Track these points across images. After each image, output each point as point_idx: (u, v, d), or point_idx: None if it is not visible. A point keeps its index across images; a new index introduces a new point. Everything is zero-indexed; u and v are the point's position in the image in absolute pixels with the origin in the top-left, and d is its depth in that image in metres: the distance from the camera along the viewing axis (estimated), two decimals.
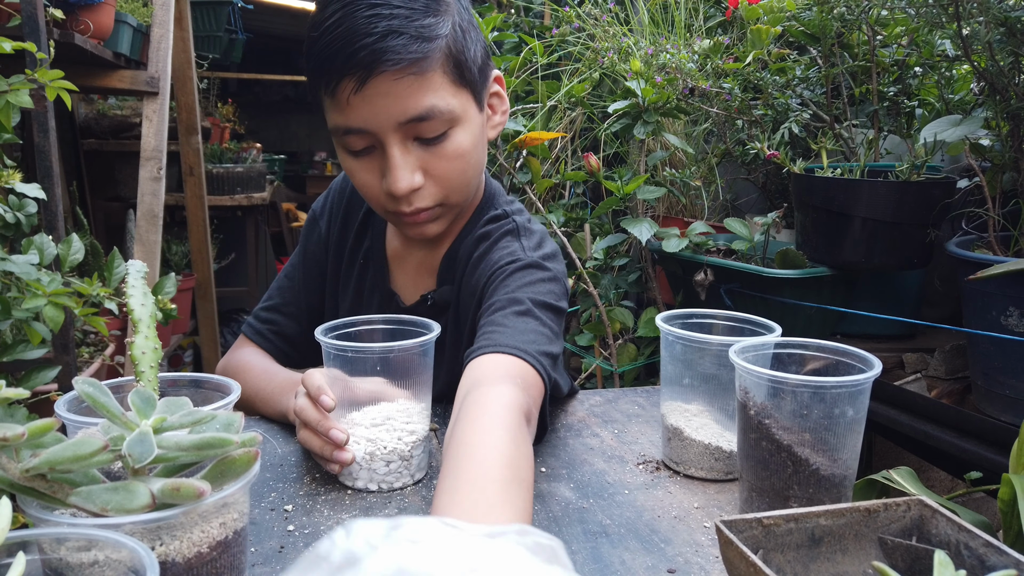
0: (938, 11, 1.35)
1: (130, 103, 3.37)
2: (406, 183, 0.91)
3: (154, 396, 0.55)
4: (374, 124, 0.89)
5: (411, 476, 0.84)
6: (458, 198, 0.98)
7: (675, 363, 0.88)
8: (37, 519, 0.48)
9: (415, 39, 0.86)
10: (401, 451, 0.82)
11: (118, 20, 2.02)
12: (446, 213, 0.99)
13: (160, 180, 2.02)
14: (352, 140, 0.92)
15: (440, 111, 0.89)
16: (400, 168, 0.90)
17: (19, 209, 0.94)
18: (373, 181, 0.94)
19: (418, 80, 0.87)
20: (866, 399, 0.71)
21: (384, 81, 0.86)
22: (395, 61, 0.84)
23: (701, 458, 0.86)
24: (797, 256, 1.64)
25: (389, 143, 0.90)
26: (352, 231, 1.16)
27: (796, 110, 1.78)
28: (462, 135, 0.93)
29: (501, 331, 0.87)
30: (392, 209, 0.96)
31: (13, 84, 0.88)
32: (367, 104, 0.87)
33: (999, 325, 1.25)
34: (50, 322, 0.81)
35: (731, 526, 0.54)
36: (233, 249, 3.79)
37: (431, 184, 0.94)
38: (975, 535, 0.53)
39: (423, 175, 0.93)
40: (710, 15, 2.21)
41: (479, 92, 0.96)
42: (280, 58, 7.40)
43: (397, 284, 1.12)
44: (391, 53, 0.84)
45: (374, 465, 0.82)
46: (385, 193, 0.94)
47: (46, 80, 0.90)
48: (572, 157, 2.30)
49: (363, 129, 0.90)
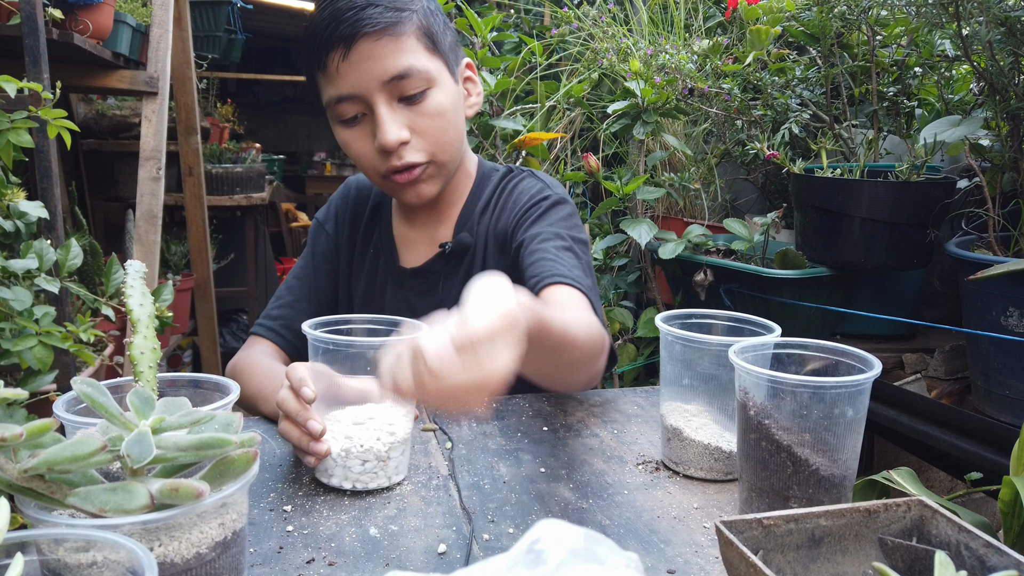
0: (938, 11, 1.35)
1: (129, 103, 3.37)
2: (394, 135, 1.03)
3: (153, 396, 0.55)
4: (361, 86, 1.02)
5: (387, 478, 0.82)
6: (444, 156, 1.09)
7: (674, 363, 0.88)
8: (35, 520, 0.48)
9: (389, 9, 1.01)
10: (377, 451, 0.81)
11: (117, 20, 2.02)
12: (437, 173, 1.10)
13: (159, 180, 2.02)
14: (344, 108, 1.04)
15: (417, 70, 1.02)
16: (388, 122, 1.02)
17: (19, 217, 0.93)
18: (366, 147, 1.06)
19: (395, 41, 1.01)
20: (866, 399, 0.71)
21: (366, 44, 1.00)
22: (373, 24, 0.99)
23: (701, 458, 0.86)
24: (797, 256, 1.64)
25: (376, 102, 1.02)
26: (361, 227, 1.25)
27: (796, 110, 1.78)
28: (440, 95, 1.06)
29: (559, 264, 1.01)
30: (385, 169, 1.06)
31: (15, 122, 0.88)
32: (354, 69, 1.01)
33: (999, 325, 1.25)
34: (39, 363, 0.80)
35: (731, 526, 0.54)
36: (232, 249, 3.78)
37: (417, 140, 1.05)
38: (975, 536, 0.53)
39: (409, 132, 1.04)
40: (709, 15, 2.21)
41: (452, 67, 1.10)
42: (279, 58, 7.40)
43: (407, 264, 1.21)
44: (369, 19, 0.99)
45: (349, 463, 0.81)
46: (378, 153, 1.05)
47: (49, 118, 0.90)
48: (571, 157, 2.30)
49: (352, 94, 1.02)
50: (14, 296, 0.81)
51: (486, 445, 0.95)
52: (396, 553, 0.70)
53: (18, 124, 0.89)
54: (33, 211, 0.95)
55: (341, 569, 0.67)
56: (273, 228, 5.71)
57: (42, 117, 0.90)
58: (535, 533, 0.42)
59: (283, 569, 0.67)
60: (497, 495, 0.81)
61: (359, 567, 0.67)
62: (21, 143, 0.88)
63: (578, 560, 0.41)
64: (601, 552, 0.42)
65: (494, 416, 1.05)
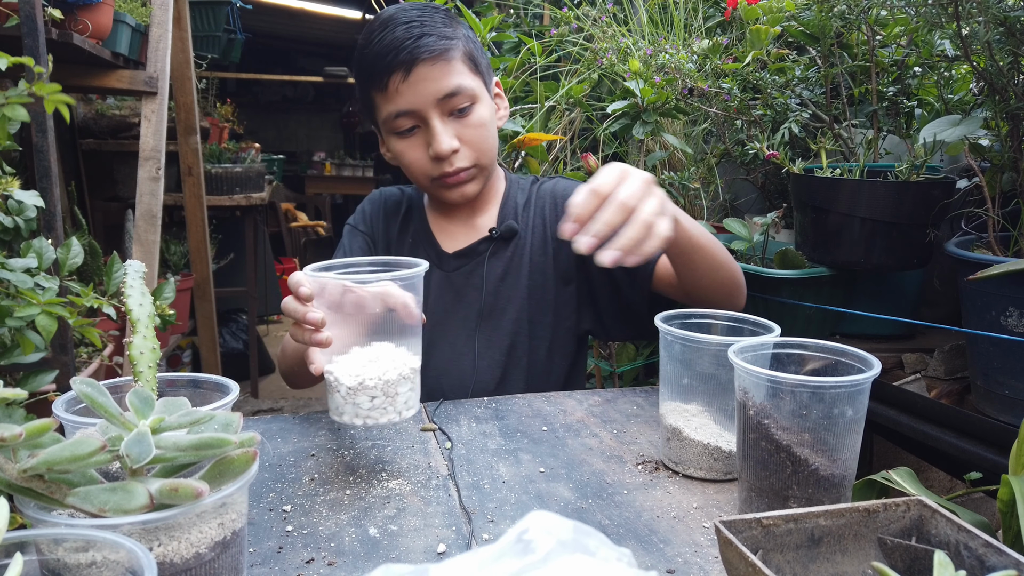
0: (937, 11, 1.35)
1: (129, 103, 3.37)
2: (448, 144, 1.18)
3: (152, 396, 0.55)
4: (418, 103, 1.17)
5: (397, 412, 0.84)
6: (486, 160, 1.25)
7: (674, 363, 0.88)
8: (35, 520, 0.48)
9: (440, 38, 1.17)
10: (384, 386, 0.82)
11: (116, 20, 2.02)
12: (479, 175, 1.26)
13: (159, 180, 2.02)
14: (400, 122, 1.19)
15: (465, 88, 1.18)
16: (442, 134, 1.18)
17: (18, 214, 0.93)
18: (420, 155, 1.21)
19: (447, 65, 1.17)
20: (865, 399, 0.71)
21: (423, 68, 1.15)
22: (430, 51, 1.15)
23: (700, 458, 0.86)
24: (796, 256, 1.64)
25: (431, 117, 1.18)
26: (395, 227, 1.39)
27: (795, 110, 1.78)
28: (482, 109, 1.22)
29: None
30: (437, 174, 1.22)
31: (10, 98, 0.88)
32: (411, 88, 1.16)
33: (998, 325, 1.25)
34: (43, 331, 0.81)
35: (730, 526, 0.54)
36: (232, 249, 3.78)
37: (465, 148, 1.21)
38: (975, 535, 0.53)
39: (458, 141, 1.20)
40: (709, 15, 2.21)
41: (488, 85, 1.27)
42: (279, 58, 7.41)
43: (448, 248, 1.33)
44: (426, 47, 1.15)
45: (358, 399, 0.82)
46: (431, 160, 1.20)
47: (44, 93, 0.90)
48: (571, 158, 2.30)
49: (410, 110, 1.18)
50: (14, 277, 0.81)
51: (485, 445, 0.95)
52: (395, 553, 0.70)
53: (13, 100, 0.88)
54: (29, 200, 0.94)
55: (340, 569, 0.67)
56: (272, 228, 5.71)
57: (37, 93, 0.89)
58: (524, 524, 0.43)
59: (282, 569, 0.67)
60: (496, 495, 0.82)
61: (358, 567, 0.67)
62: (17, 117, 0.88)
63: (567, 551, 0.41)
64: (591, 544, 0.42)
65: (493, 416, 1.05)
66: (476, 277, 1.30)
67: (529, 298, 1.29)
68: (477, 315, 1.29)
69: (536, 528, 0.42)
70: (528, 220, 1.34)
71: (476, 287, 1.29)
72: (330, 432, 0.99)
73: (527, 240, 1.32)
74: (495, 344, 1.28)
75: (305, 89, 8.38)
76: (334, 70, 6.36)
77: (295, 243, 6.36)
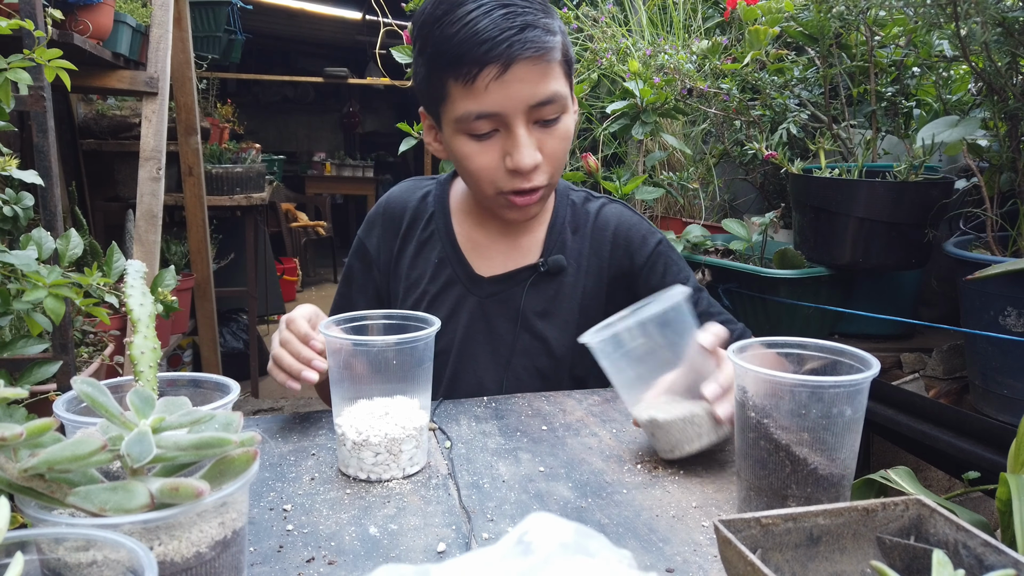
0: (936, 11, 1.35)
1: (129, 103, 3.37)
2: (532, 159, 1.02)
3: (153, 396, 0.55)
4: (508, 107, 0.99)
5: (400, 469, 0.85)
6: (558, 177, 1.10)
7: (612, 368, 0.87)
8: (35, 519, 0.48)
9: (545, 32, 0.98)
10: (388, 444, 0.84)
11: (117, 20, 2.02)
12: (548, 193, 1.11)
13: (159, 180, 2.02)
14: (480, 124, 1.02)
15: (560, 96, 1.02)
16: (527, 146, 1.01)
17: (16, 202, 0.93)
18: (492, 161, 1.04)
19: (548, 68, 1.00)
20: (864, 399, 0.71)
21: (522, 67, 0.97)
22: (534, 49, 0.97)
23: (684, 433, 0.86)
24: (795, 256, 1.64)
25: (516, 124, 1.01)
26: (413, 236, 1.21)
27: (794, 110, 1.78)
28: (569, 120, 1.06)
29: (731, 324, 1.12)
30: (509, 188, 1.05)
31: (12, 63, 0.88)
32: (504, 88, 0.98)
33: (997, 325, 1.25)
34: (51, 313, 0.81)
35: (729, 525, 0.54)
36: (232, 249, 3.78)
37: (545, 163, 1.05)
38: (973, 534, 0.53)
39: (540, 154, 1.04)
40: (708, 16, 2.22)
41: (573, 87, 1.09)
42: (279, 58, 7.41)
43: (483, 271, 1.18)
44: (530, 43, 0.96)
45: (362, 455, 0.84)
46: (507, 171, 1.04)
47: (44, 60, 0.90)
48: (571, 157, 2.30)
49: (495, 112, 1.00)
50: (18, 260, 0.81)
51: (485, 444, 0.95)
52: (396, 552, 0.70)
53: (15, 64, 0.89)
54: (27, 178, 0.95)
55: (341, 568, 0.67)
56: (273, 228, 5.71)
57: (37, 59, 0.90)
58: (525, 525, 0.43)
59: (283, 568, 0.67)
60: (496, 494, 0.82)
61: (359, 566, 0.67)
62: (19, 79, 0.88)
63: (567, 553, 0.41)
64: (592, 546, 0.42)
65: (493, 415, 1.05)
66: (511, 309, 1.16)
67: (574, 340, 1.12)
68: (509, 351, 1.17)
69: (537, 530, 0.42)
70: (581, 252, 1.18)
71: (510, 319, 1.16)
72: (330, 431, 0.99)
73: (578, 277, 1.17)
74: (525, 383, 1.17)
75: (305, 89, 8.39)
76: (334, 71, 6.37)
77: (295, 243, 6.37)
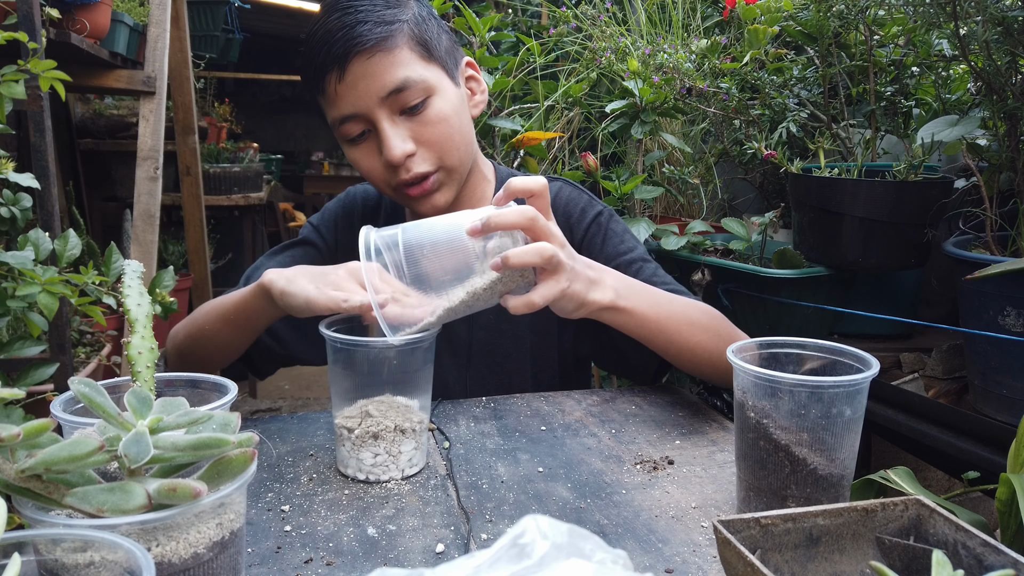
0: (935, 10, 1.35)
1: (127, 103, 3.36)
2: (399, 150, 1.01)
3: (150, 396, 0.55)
4: (361, 105, 1.01)
5: (399, 471, 0.85)
6: (453, 161, 1.07)
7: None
8: (33, 520, 0.48)
9: (378, 24, 1.00)
10: (387, 446, 0.84)
11: (114, 20, 2.01)
12: (448, 179, 1.08)
13: (157, 180, 2.02)
14: (348, 128, 1.04)
15: (414, 81, 1.01)
16: (392, 137, 1.01)
17: (14, 204, 0.93)
18: (374, 162, 1.05)
19: (388, 56, 1.00)
20: (863, 399, 0.71)
21: (359, 63, 0.99)
22: (364, 43, 0.98)
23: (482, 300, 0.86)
24: (794, 256, 1.64)
25: (378, 119, 1.01)
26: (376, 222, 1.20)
27: (793, 110, 1.78)
28: (440, 102, 1.04)
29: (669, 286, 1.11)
30: (395, 182, 1.05)
31: (6, 75, 0.88)
32: (350, 88, 1.01)
33: (996, 325, 1.25)
34: (45, 310, 0.80)
35: (729, 526, 0.54)
36: (230, 249, 3.78)
37: (423, 150, 1.04)
38: (973, 535, 0.53)
39: (414, 143, 1.03)
40: (707, 15, 2.22)
41: (451, 70, 1.08)
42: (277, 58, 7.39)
43: None
44: (359, 38, 0.98)
45: (361, 455, 0.84)
46: (385, 167, 1.04)
47: (39, 70, 0.89)
48: (570, 157, 2.30)
49: (354, 113, 1.02)
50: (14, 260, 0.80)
51: (484, 445, 0.95)
52: (394, 553, 0.70)
53: (8, 76, 0.88)
54: (24, 181, 0.94)
55: (339, 569, 0.67)
56: (271, 228, 5.70)
57: (32, 70, 0.89)
58: (519, 527, 0.43)
59: (281, 569, 0.67)
60: (495, 495, 0.82)
61: (357, 567, 0.67)
62: (14, 95, 0.88)
63: (562, 554, 0.41)
64: (587, 547, 0.42)
65: (492, 416, 1.05)
66: None
67: (532, 332, 1.17)
68: (467, 352, 1.17)
69: (531, 532, 0.42)
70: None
71: (464, 319, 1.12)
72: (328, 432, 0.99)
73: None
74: (490, 382, 1.16)
75: (303, 89, 8.37)
76: None
77: None
